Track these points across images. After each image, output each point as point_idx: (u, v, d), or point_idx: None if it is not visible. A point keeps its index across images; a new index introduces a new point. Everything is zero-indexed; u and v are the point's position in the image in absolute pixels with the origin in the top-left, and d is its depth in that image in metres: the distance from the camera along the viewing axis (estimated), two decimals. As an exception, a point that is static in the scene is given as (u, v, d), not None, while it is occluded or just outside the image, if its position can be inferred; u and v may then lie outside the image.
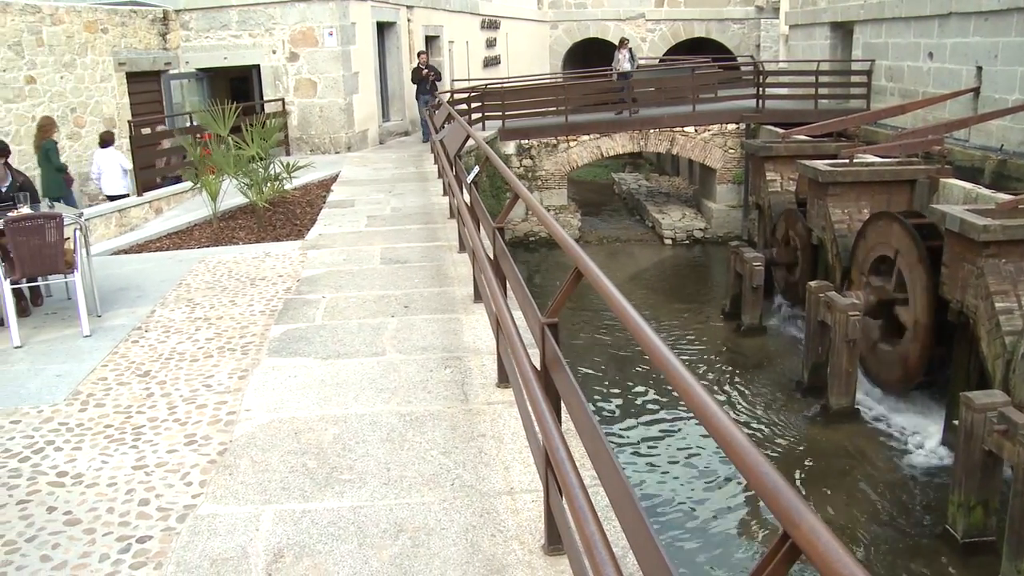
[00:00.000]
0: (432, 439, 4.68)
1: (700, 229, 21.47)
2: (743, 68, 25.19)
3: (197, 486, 4.33)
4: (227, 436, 4.89)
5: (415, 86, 19.95)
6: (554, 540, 3.53)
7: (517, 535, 3.75)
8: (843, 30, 22.24)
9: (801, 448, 10.84)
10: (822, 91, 20.67)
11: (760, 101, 20.77)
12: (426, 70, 19.31)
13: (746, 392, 12.50)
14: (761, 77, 20.83)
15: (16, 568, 3.71)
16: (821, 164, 13.84)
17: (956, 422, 8.58)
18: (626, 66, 22.10)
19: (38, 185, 14.28)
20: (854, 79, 20.88)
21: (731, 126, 21.14)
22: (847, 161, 13.86)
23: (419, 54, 20.27)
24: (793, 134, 17.63)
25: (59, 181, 13.63)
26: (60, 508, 4.18)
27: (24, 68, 14.46)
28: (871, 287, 12.03)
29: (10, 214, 7.01)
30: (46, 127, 13.95)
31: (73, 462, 4.68)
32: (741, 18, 32.83)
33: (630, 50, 22.59)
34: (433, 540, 3.74)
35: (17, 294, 7.64)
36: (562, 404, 3.30)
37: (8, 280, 6.87)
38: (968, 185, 12.34)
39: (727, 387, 12.67)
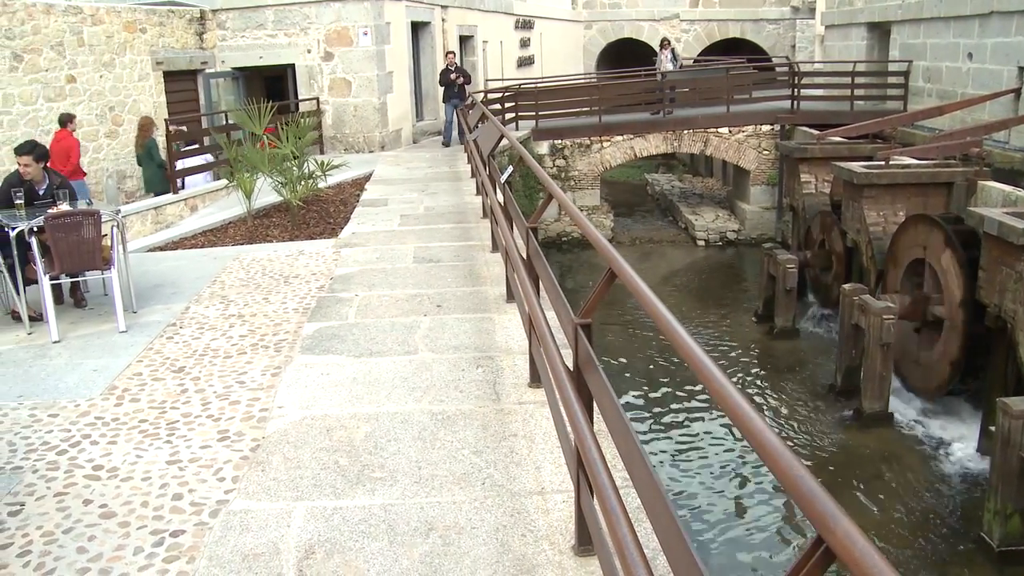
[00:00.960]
0: (463, 438, 4.68)
1: (733, 231, 21.33)
2: (778, 69, 25.00)
3: (230, 482, 4.36)
4: (260, 432, 4.92)
5: (443, 89, 19.30)
6: (584, 541, 3.51)
7: (547, 535, 3.74)
8: (880, 30, 22.00)
9: (833, 452, 10.73)
10: (858, 92, 20.44)
11: (795, 102, 20.60)
12: (454, 73, 18.71)
13: (778, 395, 12.40)
14: (796, 78, 20.65)
15: (54, 559, 3.75)
16: (856, 166, 13.70)
17: (993, 428, 8.46)
18: (668, 66, 21.99)
19: (140, 181, 14.73)
20: (891, 80, 20.64)
21: (765, 127, 20.98)
22: (883, 163, 13.70)
23: (447, 53, 19.71)
24: (828, 135, 17.46)
25: (161, 176, 14.03)
26: (96, 501, 4.23)
27: (65, 68, 14.66)
28: (906, 290, 11.89)
29: (50, 211, 7.09)
30: (146, 126, 14.80)
31: (109, 456, 4.73)
32: (776, 18, 32.59)
33: (672, 51, 22.43)
34: (463, 539, 3.74)
35: (71, 288, 7.76)
36: (594, 405, 3.28)
37: (48, 276, 6.96)
38: (1007, 188, 12.16)
39: (759, 390, 12.58)
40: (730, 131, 21.08)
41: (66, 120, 13.29)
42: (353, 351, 6.21)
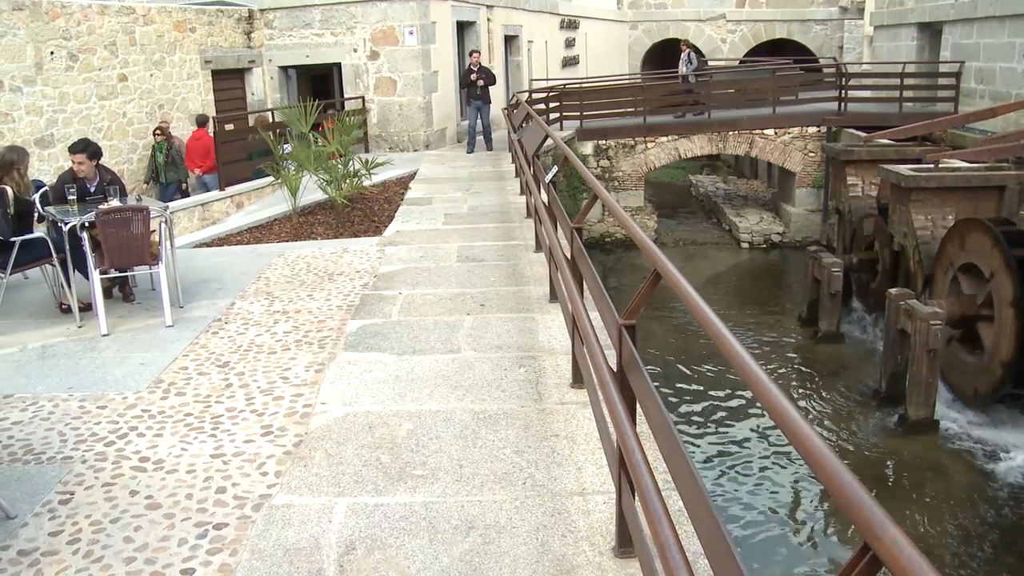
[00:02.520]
0: (505, 437, 4.68)
1: (778, 233, 21.13)
2: (825, 70, 24.74)
3: (273, 476, 4.40)
4: (303, 428, 4.95)
5: (463, 91, 18.54)
6: (625, 543, 3.50)
7: (588, 536, 3.73)
8: (931, 31, 21.67)
9: (877, 459, 10.59)
10: (907, 94, 20.16)
11: (842, 104, 20.36)
12: (476, 74, 17.74)
13: (821, 400, 12.26)
14: (843, 79, 20.42)
15: (102, 547, 3.81)
16: (904, 168, 13.51)
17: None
18: (683, 69, 21.76)
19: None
20: (941, 81, 20.30)
21: (812, 129, 20.76)
22: (932, 166, 13.50)
23: (471, 53, 18.62)
24: (876, 138, 17.24)
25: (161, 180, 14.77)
26: (142, 492, 4.29)
27: (117, 66, 14.91)
28: (954, 295, 11.71)
29: (101, 206, 7.21)
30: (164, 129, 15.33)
31: (155, 448, 4.79)
32: (824, 19, 32.25)
33: (690, 53, 22.13)
34: (504, 538, 3.74)
35: (120, 282, 7.89)
36: (637, 406, 3.26)
37: (98, 270, 7.07)
38: (1061, 192, 11.93)
39: (802, 394, 12.45)
40: (776, 132, 20.89)
41: (203, 121, 15.09)
42: (396, 349, 6.23)
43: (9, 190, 7.22)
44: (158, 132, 14.93)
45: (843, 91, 20.32)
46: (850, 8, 30.80)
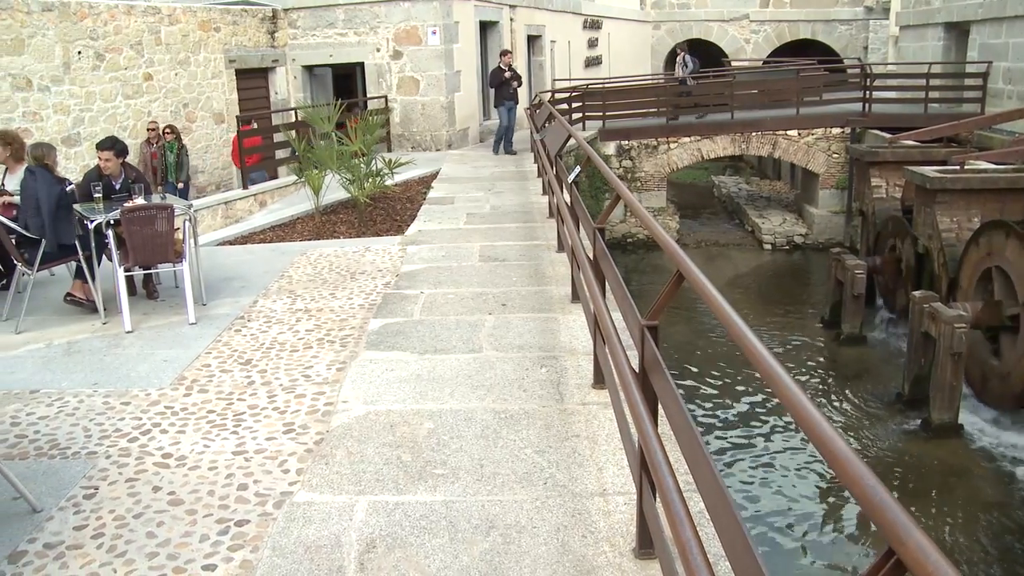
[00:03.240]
0: (526, 437, 4.68)
1: (801, 235, 21.02)
2: (849, 71, 24.59)
3: (294, 474, 4.41)
4: (324, 426, 4.97)
5: (493, 91, 18.20)
6: (645, 544, 3.49)
7: (608, 537, 3.72)
8: (958, 30, 21.49)
9: (900, 463, 10.51)
10: (933, 95, 20.00)
11: (867, 105, 20.24)
12: (508, 72, 17.58)
13: (843, 402, 12.18)
14: (868, 80, 20.29)
15: (125, 542, 3.84)
16: (930, 170, 13.40)
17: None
18: (680, 71, 21.59)
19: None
20: (968, 82, 20.14)
21: (836, 130, 20.64)
22: (958, 167, 13.39)
23: (503, 53, 18.16)
24: (901, 139, 17.12)
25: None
26: (165, 488, 4.31)
27: (143, 66, 15.03)
28: (980, 299, 11.60)
29: (126, 204, 7.26)
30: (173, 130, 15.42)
31: (177, 444, 4.82)
32: (849, 19, 32.05)
33: (685, 56, 21.95)
34: (524, 538, 3.74)
35: (144, 279, 7.96)
36: (659, 407, 3.25)
37: (122, 267, 7.13)
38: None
39: (824, 396, 12.37)
40: (799, 133, 20.80)
41: (249, 119, 15.78)
42: (418, 348, 6.24)
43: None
44: (168, 131, 14.98)
45: (868, 92, 20.20)
46: (875, 8, 30.59)
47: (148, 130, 14.96)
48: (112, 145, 7.90)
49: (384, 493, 4.16)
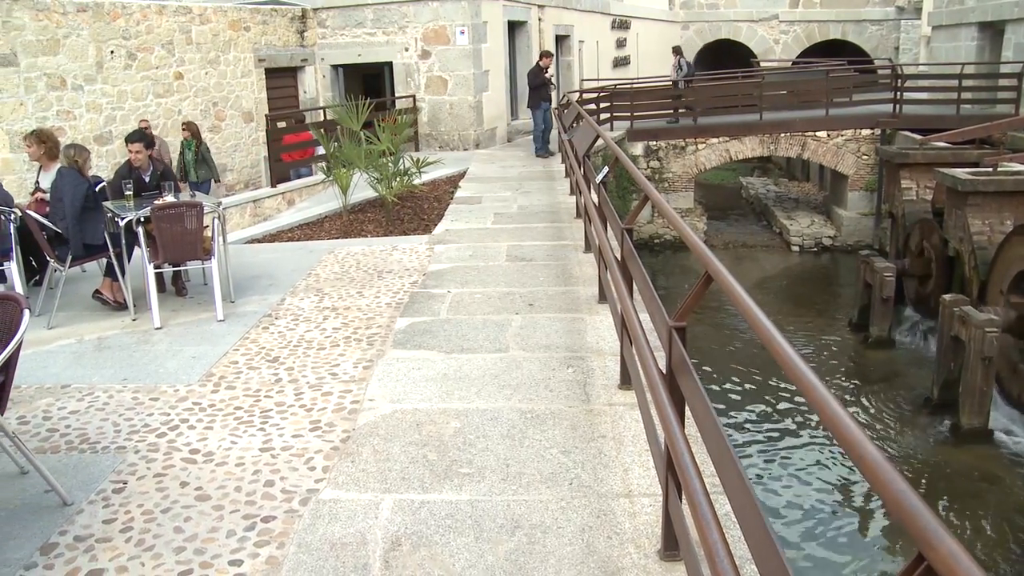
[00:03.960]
0: (552, 438, 4.67)
1: (829, 237, 20.87)
2: (880, 71, 24.38)
3: (320, 471, 4.43)
4: (350, 424, 4.98)
5: (531, 93, 17.32)
6: (671, 546, 3.47)
7: (633, 538, 3.70)
8: (992, 30, 21.24)
9: (929, 467, 10.41)
10: (965, 95, 19.78)
11: (897, 106, 20.06)
12: (548, 72, 17.23)
13: (871, 406, 12.08)
14: (899, 81, 20.10)
15: (153, 536, 3.87)
16: (961, 172, 13.26)
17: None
18: (674, 75, 21.29)
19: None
20: (1002, 82, 19.91)
21: (865, 131, 20.48)
22: (990, 169, 13.24)
23: (545, 55, 17.94)
24: (931, 140, 16.95)
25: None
26: (192, 484, 4.34)
27: (174, 65, 15.16)
28: (1011, 303, 11.46)
29: (156, 202, 7.33)
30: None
31: (205, 441, 4.85)
32: (880, 19, 31.75)
33: (679, 60, 21.64)
34: (549, 538, 3.73)
35: (173, 276, 8.03)
36: (686, 408, 3.23)
37: (152, 264, 7.19)
38: None
39: (852, 400, 12.28)
40: (828, 135, 20.66)
41: (301, 118, 16.05)
42: (444, 347, 6.25)
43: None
44: (185, 129, 14.95)
45: (898, 93, 20.01)
46: (907, 8, 30.29)
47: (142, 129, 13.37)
48: (141, 137, 8.05)
49: (410, 491, 4.17)
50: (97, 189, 7.82)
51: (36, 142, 8.20)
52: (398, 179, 12.32)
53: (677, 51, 21.93)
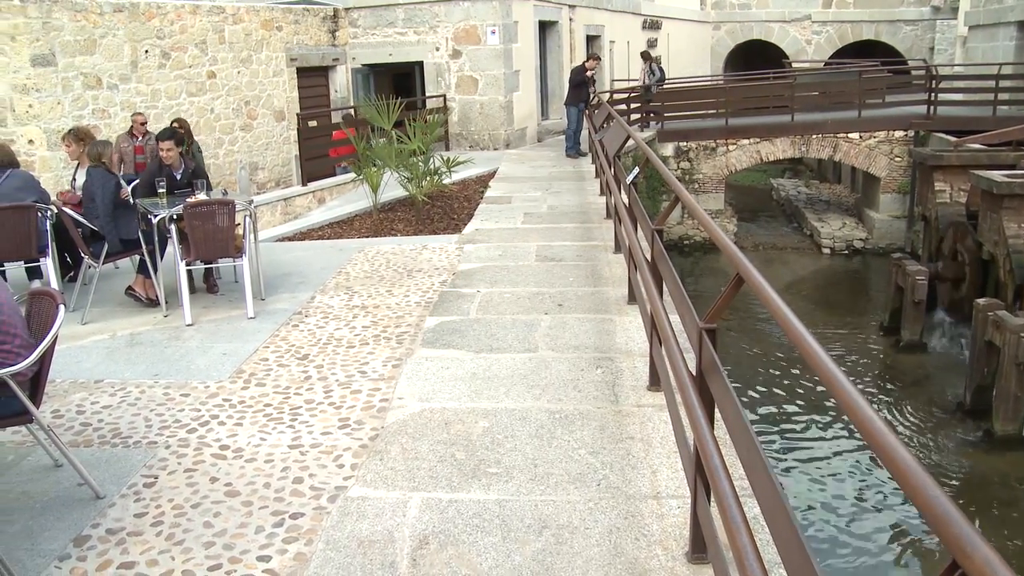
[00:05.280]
0: (580, 438, 4.66)
1: (860, 239, 20.68)
2: (914, 72, 24.12)
3: (348, 469, 4.44)
4: (379, 422, 5.00)
5: (571, 90, 17.36)
6: (699, 548, 3.45)
7: (661, 540, 3.69)
8: (1032, 29, 20.97)
9: (961, 474, 10.28)
10: (1002, 96, 19.52)
11: (931, 107, 19.82)
12: (591, 72, 17.17)
13: (902, 411, 11.95)
14: (934, 81, 19.87)
15: (183, 531, 3.90)
16: (997, 174, 13.09)
17: None
18: (646, 79, 20.86)
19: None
20: (1041, 83, 19.65)
21: (899, 133, 20.26)
22: (1027, 172, 13.07)
23: (592, 57, 17.74)
24: (966, 142, 16.75)
25: None
26: (222, 479, 4.38)
27: (207, 64, 15.29)
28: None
29: (188, 200, 7.39)
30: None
31: (234, 437, 4.88)
32: (914, 19, 31.37)
33: (651, 64, 21.25)
34: (576, 539, 3.72)
35: (204, 274, 8.10)
36: (715, 411, 3.22)
37: (184, 262, 7.25)
38: None
39: (882, 403, 12.16)
40: (861, 136, 20.46)
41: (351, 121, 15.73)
42: (473, 346, 6.26)
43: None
44: (176, 125, 14.91)
45: (932, 94, 19.78)
46: (943, 8, 29.91)
47: (137, 122, 11.91)
48: (171, 135, 8.12)
49: (438, 490, 4.17)
50: (130, 187, 7.91)
51: (74, 140, 8.33)
52: (428, 178, 12.35)
53: (646, 56, 21.44)
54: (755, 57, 32.57)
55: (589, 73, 17.19)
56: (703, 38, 34.00)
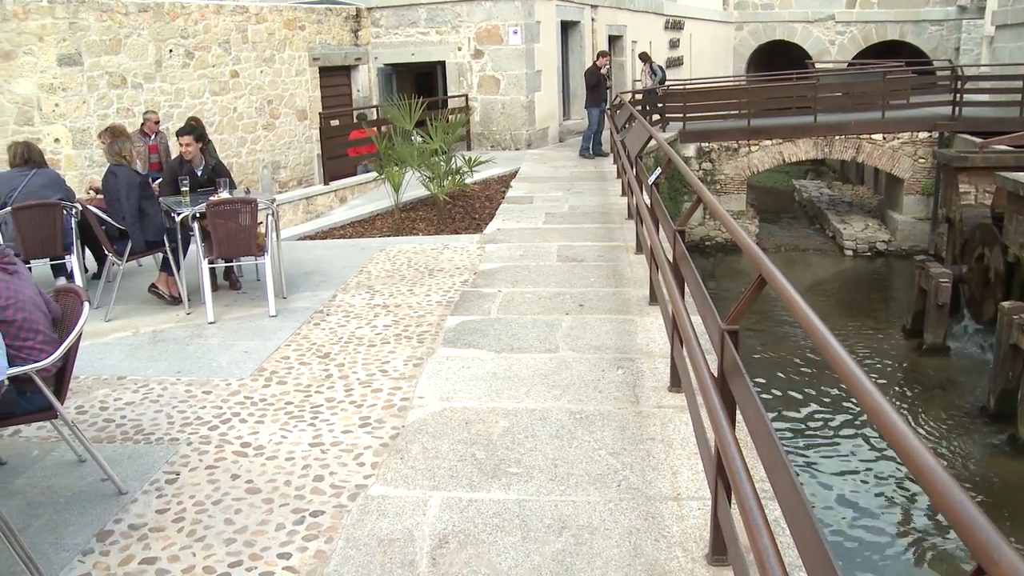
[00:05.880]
0: (601, 439, 4.65)
1: (883, 241, 20.54)
2: (939, 73, 23.92)
3: (369, 467, 4.45)
4: (400, 421, 5.01)
5: (589, 93, 17.22)
6: (719, 550, 3.44)
7: (681, 542, 3.68)
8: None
9: (985, 479, 10.19)
10: (1030, 97, 19.32)
11: (956, 108, 19.64)
12: (604, 70, 16.99)
13: (924, 414, 11.86)
14: (959, 82, 19.69)
15: (204, 527, 3.93)
16: (1023, 176, 12.97)
17: None
18: (648, 81, 20.67)
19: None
20: (1070, 85, 19.41)
21: (923, 134, 20.10)
22: (1054, 175, 12.94)
23: (602, 55, 17.52)
24: (992, 144, 16.59)
25: None
26: (243, 476, 4.40)
27: (230, 63, 15.37)
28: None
29: (212, 198, 7.43)
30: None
31: (256, 434, 4.91)
32: (940, 19, 31.07)
33: (651, 65, 21.13)
34: (596, 540, 3.71)
35: (225, 271, 8.15)
36: (737, 412, 3.20)
37: (207, 260, 7.29)
38: None
39: (905, 407, 12.07)
40: (884, 138, 20.31)
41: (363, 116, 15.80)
42: (494, 346, 6.26)
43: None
44: (192, 122, 14.84)
45: (958, 95, 19.60)
46: (969, 7, 29.60)
47: (151, 120, 11.84)
48: (191, 131, 8.18)
49: (458, 490, 4.18)
50: (149, 182, 7.97)
51: (111, 137, 8.41)
52: (450, 178, 12.36)
53: (645, 57, 21.26)
54: (778, 58, 32.40)
55: (604, 71, 17.07)
56: (725, 38, 33.87)
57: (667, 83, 21.12)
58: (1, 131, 12.59)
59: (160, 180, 8.54)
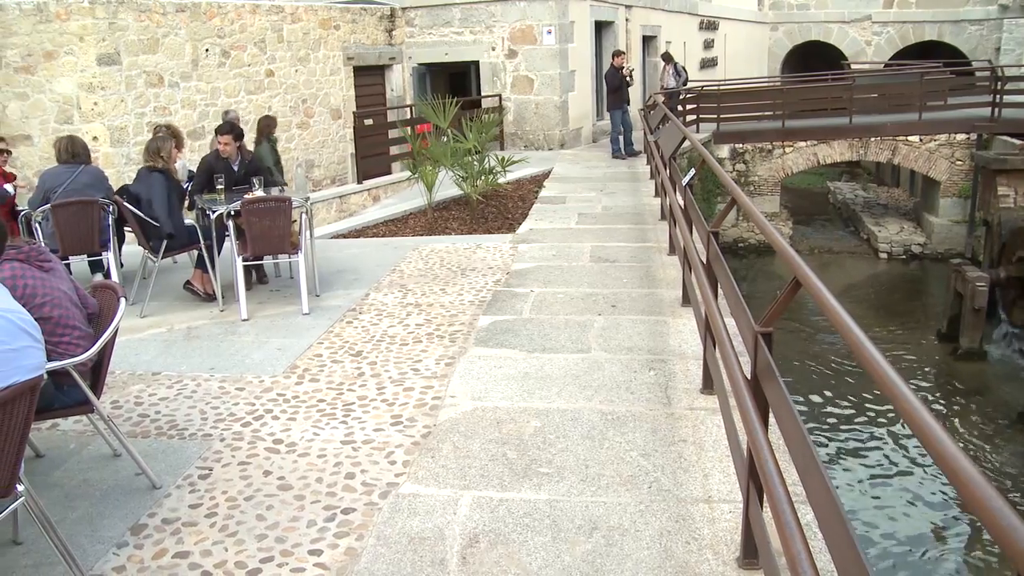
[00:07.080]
0: (632, 440, 4.63)
1: (919, 244, 20.30)
2: (978, 73, 23.58)
3: (400, 466, 4.47)
4: (431, 420, 5.02)
5: (610, 96, 17.07)
6: (750, 554, 3.41)
7: (712, 545, 3.66)
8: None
9: (1021, 486, 10.05)
10: (1074, 98, 19.02)
11: (996, 109, 19.35)
12: (624, 70, 16.79)
13: (960, 419, 11.71)
14: (999, 83, 19.41)
15: (236, 523, 3.95)
16: (1065, 180, 12.79)
17: None
18: (671, 82, 20.43)
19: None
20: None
21: (960, 136, 19.82)
22: (1096, 178, 12.74)
23: (618, 54, 17.29)
24: (1033, 146, 16.36)
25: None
26: (275, 473, 4.42)
27: (265, 63, 15.48)
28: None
29: (246, 196, 7.48)
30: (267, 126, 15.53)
31: (288, 431, 4.94)
32: (980, 19, 30.54)
33: (675, 66, 20.94)
34: (627, 541, 3.70)
35: (256, 270, 8.22)
36: (770, 415, 3.18)
37: (241, 257, 7.34)
38: None
39: (940, 412, 11.92)
40: (921, 139, 20.05)
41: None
42: (526, 346, 6.25)
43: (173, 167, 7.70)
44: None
45: (997, 95, 19.32)
46: (1011, 6, 29.08)
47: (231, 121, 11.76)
48: (231, 129, 8.25)
49: (489, 489, 4.18)
50: (181, 186, 8.06)
51: (167, 132, 8.53)
52: (483, 177, 12.37)
53: (668, 58, 21.10)
54: (813, 58, 32.10)
55: (624, 71, 16.87)
56: (760, 39, 33.62)
57: (690, 84, 20.99)
58: (42, 129, 12.78)
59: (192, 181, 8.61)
